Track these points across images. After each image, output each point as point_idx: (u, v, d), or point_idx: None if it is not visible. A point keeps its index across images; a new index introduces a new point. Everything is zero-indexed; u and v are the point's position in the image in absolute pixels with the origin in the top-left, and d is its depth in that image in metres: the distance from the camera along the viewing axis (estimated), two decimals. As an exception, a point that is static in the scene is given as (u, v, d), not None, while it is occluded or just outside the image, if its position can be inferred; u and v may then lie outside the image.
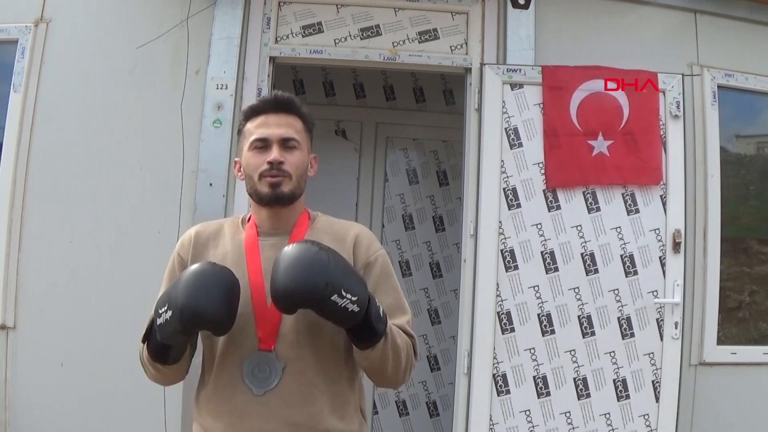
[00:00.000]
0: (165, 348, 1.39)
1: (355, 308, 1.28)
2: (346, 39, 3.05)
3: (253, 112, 1.53)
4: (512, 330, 2.84)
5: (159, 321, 1.33)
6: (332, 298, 1.26)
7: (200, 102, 2.91)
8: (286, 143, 1.48)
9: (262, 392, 1.39)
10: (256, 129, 1.50)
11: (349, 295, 1.27)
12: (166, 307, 1.32)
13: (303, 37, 3.04)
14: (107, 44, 2.98)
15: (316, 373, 1.42)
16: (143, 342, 1.46)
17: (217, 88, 2.91)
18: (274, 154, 1.46)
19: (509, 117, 2.92)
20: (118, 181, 2.90)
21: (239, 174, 1.54)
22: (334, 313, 1.29)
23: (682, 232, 2.88)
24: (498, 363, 2.82)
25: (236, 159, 1.57)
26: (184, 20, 2.96)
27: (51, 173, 2.91)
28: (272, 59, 3.01)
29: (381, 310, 1.36)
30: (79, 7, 3.01)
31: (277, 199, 1.47)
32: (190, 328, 1.33)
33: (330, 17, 3.05)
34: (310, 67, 3.85)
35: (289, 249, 1.33)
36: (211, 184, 2.87)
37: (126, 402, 2.80)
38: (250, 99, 2.93)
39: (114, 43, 2.97)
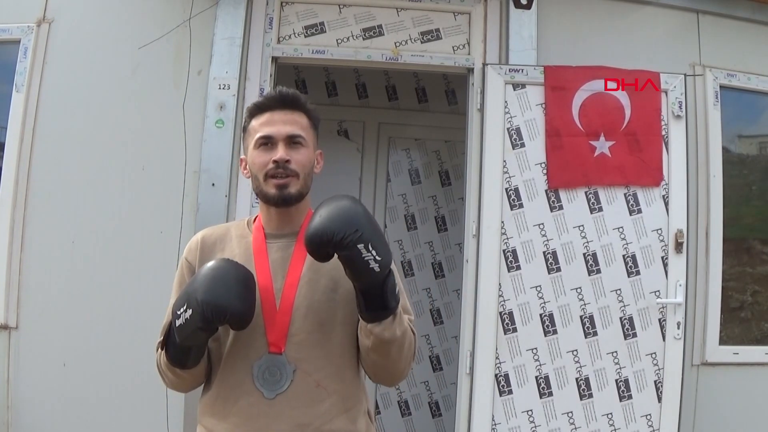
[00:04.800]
0: (185, 351, 1.38)
1: (376, 267, 1.28)
2: (348, 39, 3.05)
3: (257, 109, 1.50)
4: (514, 330, 2.84)
5: (178, 322, 1.32)
6: (358, 246, 1.27)
7: (202, 102, 2.91)
8: (292, 140, 1.46)
9: (274, 395, 1.38)
10: (261, 127, 1.47)
11: (374, 252, 1.28)
12: (185, 307, 1.31)
13: (305, 37, 3.05)
14: (109, 44, 2.98)
15: (325, 373, 1.41)
16: (160, 349, 1.44)
17: (220, 89, 2.91)
18: (280, 152, 1.44)
19: (511, 117, 2.92)
20: (120, 181, 2.90)
21: (245, 172, 1.52)
22: (356, 263, 1.28)
23: (684, 232, 2.88)
24: (500, 363, 2.82)
25: (242, 157, 1.54)
26: (187, 20, 2.97)
27: (53, 173, 2.91)
28: (274, 59, 3.01)
29: (397, 289, 1.35)
30: (81, 8, 3.01)
31: (284, 200, 1.45)
32: (213, 323, 1.31)
33: (332, 17, 3.06)
34: (313, 67, 3.85)
35: (331, 198, 1.35)
36: (213, 185, 2.86)
37: (128, 401, 2.80)
38: (252, 99, 2.89)
39: (116, 44, 2.98)
